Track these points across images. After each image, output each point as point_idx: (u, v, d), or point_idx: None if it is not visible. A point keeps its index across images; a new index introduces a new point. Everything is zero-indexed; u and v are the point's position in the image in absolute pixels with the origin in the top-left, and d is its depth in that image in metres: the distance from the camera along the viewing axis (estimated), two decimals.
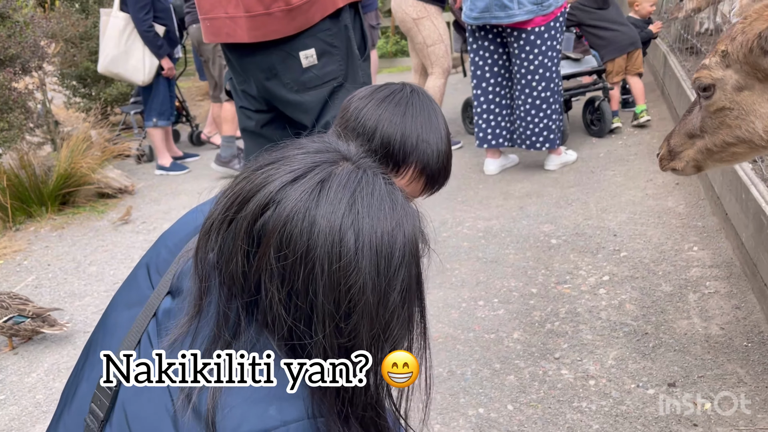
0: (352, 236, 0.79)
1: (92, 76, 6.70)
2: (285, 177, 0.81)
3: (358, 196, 0.81)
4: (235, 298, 0.82)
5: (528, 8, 3.72)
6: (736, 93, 1.06)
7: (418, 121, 1.21)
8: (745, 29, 1.03)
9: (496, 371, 2.18)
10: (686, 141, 1.21)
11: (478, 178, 4.17)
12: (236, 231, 0.81)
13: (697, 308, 2.37)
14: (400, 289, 0.82)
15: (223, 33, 1.97)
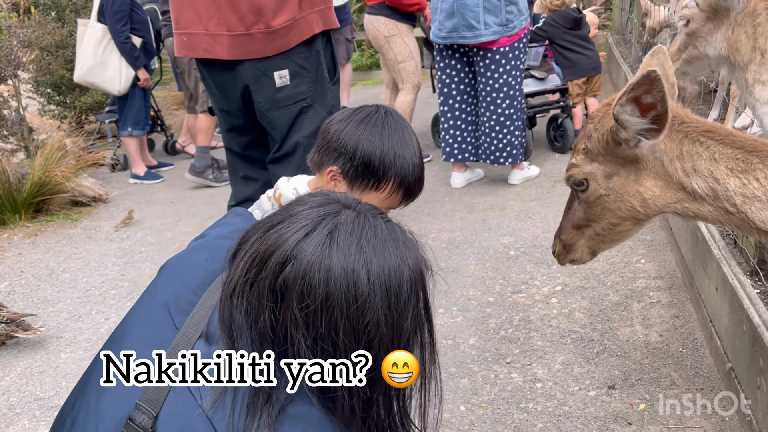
0: (365, 276, 0.88)
1: (67, 84, 6.74)
2: (297, 234, 0.90)
3: (365, 240, 0.91)
4: (267, 347, 0.91)
5: (493, 29, 3.90)
6: (607, 181, 1.20)
7: (394, 139, 1.36)
8: (597, 127, 1.18)
9: (452, 375, 2.32)
10: (576, 233, 1.32)
11: (445, 191, 4.33)
12: (260, 291, 0.90)
13: (640, 317, 2.54)
14: (411, 318, 0.92)
15: (200, 49, 2.09)
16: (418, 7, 4.80)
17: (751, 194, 1.09)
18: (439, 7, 3.99)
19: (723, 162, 1.11)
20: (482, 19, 3.87)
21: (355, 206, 0.97)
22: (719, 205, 1.13)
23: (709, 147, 1.13)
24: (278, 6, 1.91)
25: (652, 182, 1.18)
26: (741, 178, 1.10)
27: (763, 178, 1.09)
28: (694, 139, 1.14)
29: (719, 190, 1.12)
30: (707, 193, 1.13)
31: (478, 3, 3.85)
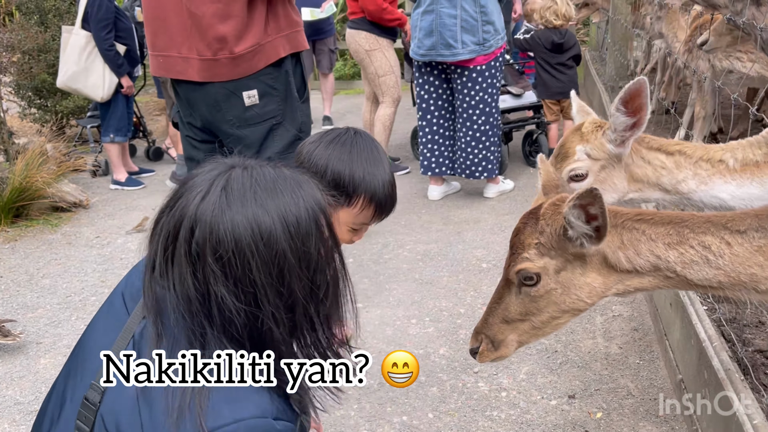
0: (265, 216, 1.00)
1: (49, 89, 6.74)
2: (196, 200, 1.01)
3: (257, 187, 1.03)
4: (196, 314, 1.00)
5: (471, 48, 4.04)
6: (557, 275, 1.26)
7: (363, 157, 1.44)
8: (549, 223, 1.25)
9: (422, 383, 2.42)
10: (507, 328, 1.31)
11: (422, 203, 4.44)
12: (179, 261, 1.00)
13: (602, 329, 2.67)
14: (314, 245, 1.03)
15: (174, 70, 2.18)
16: (398, 23, 4.92)
17: (690, 260, 1.22)
18: (419, 25, 4.12)
19: (660, 240, 1.24)
20: (459, 38, 4.00)
21: (241, 163, 1.07)
22: (659, 275, 1.26)
23: (644, 231, 1.25)
24: (241, 33, 2.01)
25: (597, 272, 1.27)
26: (678, 249, 1.23)
27: (696, 244, 1.22)
28: (629, 227, 1.26)
29: (661, 264, 1.24)
30: (649, 269, 1.26)
31: (455, 22, 3.98)
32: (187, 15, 2.03)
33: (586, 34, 9.65)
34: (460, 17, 3.98)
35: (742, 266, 1.19)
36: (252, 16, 2.04)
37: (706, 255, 1.21)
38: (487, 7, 4.01)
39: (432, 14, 4.03)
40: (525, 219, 1.31)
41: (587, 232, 1.20)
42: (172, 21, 2.09)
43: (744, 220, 1.21)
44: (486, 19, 4.03)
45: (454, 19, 3.98)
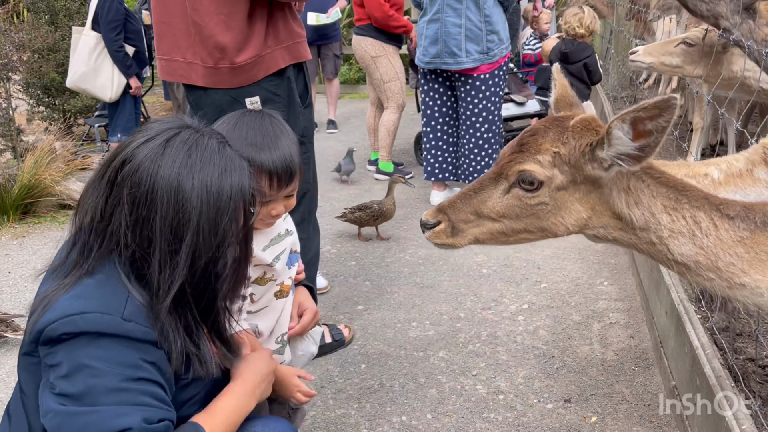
0: (189, 177, 1.13)
1: (57, 87, 6.81)
2: (139, 141, 1.16)
3: (194, 149, 1.15)
4: (93, 231, 1.16)
5: (474, 57, 4.10)
6: (556, 191, 1.21)
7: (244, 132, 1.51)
8: (575, 137, 1.18)
9: (421, 385, 2.47)
10: (474, 220, 1.24)
11: (424, 208, 4.47)
12: (104, 182, 1.16)
13: (599, 336, 2.72)
14: (226, 222, 1.15)
15: (177, 74, 2.24)
16: (404, 30, 4.99)
17: (678, 230, 1.21)
18: (424, 33, 4.19)
19: (659, 199, 1.23)
20: (464, 47, 4.06)
21: (196, 127, 1.20)
22: (645, 236, 1.24)
23: (649, 185, 1.24)
24: (241, 45, 2.07)
25: (593, 205, 1.24)
26: (671, 214, 1.22)
27: (689, 216, 1.22)
28: (638, 176, 1.24)
29: (652, 223, 1.23)
30: (641, 225, 1.24)
31: (460, 32, 4.05)
32: (191, 22, 2.09)
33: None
34: (465, 26, 4.05)
35: (723, 252, 1.18)
36: (252, 29, 2.09)
37: (693, 230, 1.19)
38: (492, 17, 4.06)
39: (437, 23, 4.10)
40: (548, 123, 1.22)
41: (628, 151, 1.12)
42: (178, 26, 2.14)
43: (734, 207, 1.22)
44: (490, 29, 4.09)
45: (459, 28, 4.05)
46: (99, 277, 1.15)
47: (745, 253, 1.20)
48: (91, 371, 1.09)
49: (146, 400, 1.12)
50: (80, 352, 1.09)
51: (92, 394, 1.08)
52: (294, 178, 1.56)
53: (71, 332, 1.10)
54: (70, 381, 1.09)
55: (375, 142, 5.44)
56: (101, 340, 1.10)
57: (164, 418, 1.13)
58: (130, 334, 1.12)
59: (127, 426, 1.08)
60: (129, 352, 1.12)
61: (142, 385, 1.12)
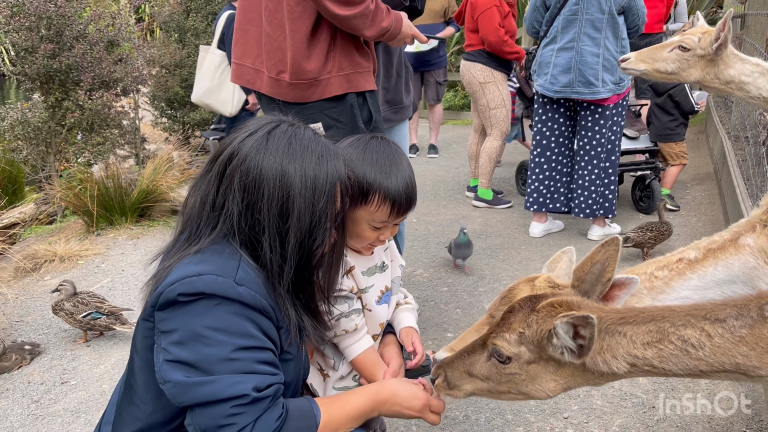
0: (290, 166, 1.24)
1: (180, 101, 7.30)
2: (243, 135, 1.28)
3: (293, 139, 1.28)
4: (205, 218, 1.27)
5: (609, 87, 3.99)
6: (527, 365, 1.26)
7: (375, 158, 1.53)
8: (539, 322, 1.24)
9: (508, 422, 2.38)
10: (466, 378, 1.35)
11: (522, 239, 4.39)
12: (213, 175, 1.27)
13: (707, 390, 2.52)
14: (324, 203, 1.26)
15: (244, 79, 2.31)
16: (516, 56, 4.94)
17: (668, 354, 1.17)
18: (553, 61, 4.09)
19: (639, 340, 1.20)
20: (600, 77, 3.96)
21: (290, 121, 1.32)
22: (636, 370, 1.21)
23: (626, 333, 1.21)
24: (300, 64, 2.11)
25: (569, 374, 1.25)
26: (657, 346, 1.18)
27: (676, 339, 1.17)
28: (612, 331, 1.21)
29: (638, 362, 1.20)
30: (626, 370, 1.21)
31: (598, 61, 3.95)
32: (264, 33, 2.17)
33: None
34: (603, 56, 3.95)
35: (725, 356, 1.13)
36: (312, 51, 2.13)
37: (685, 348, 1.16)
38: (627, 47, 3.96)
39: (571, 51, 4.01)
40: (523, 302, 1.31)
41: (571, 347, 1.19)
42: (252, 33, 2.22)
43: (724, 309, 1.16)
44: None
45: (597, 58, 3.95)
46: (215, 247, 1.25)
47: (750, 350, 1.13)
48: (205, 340, 1.17)
49: (257, 368, 1.20)
50: (195, 321, 1.18)
51: (208, 362, 1.16)
52: (412, 208, 1.57)
53: (188, 292, 1.18)
54: (184, 348, 1.18)
55: (475, 169, 5.39)
56: (215, 306, 1.18)
57: (273, 382, 1.22)
58: (241, 299, 1.20)
59: (242, 392, 1.17)
60: (240, 320, 1.19)
61: (253, 353, 1.20)
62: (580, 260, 1.52)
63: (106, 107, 5.11)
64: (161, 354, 1.19)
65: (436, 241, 4.41)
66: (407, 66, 3.01)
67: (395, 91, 3.19)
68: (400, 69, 3.17)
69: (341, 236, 1.39)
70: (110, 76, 5.24)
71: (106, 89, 5.24)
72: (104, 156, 5.16)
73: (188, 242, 1.28)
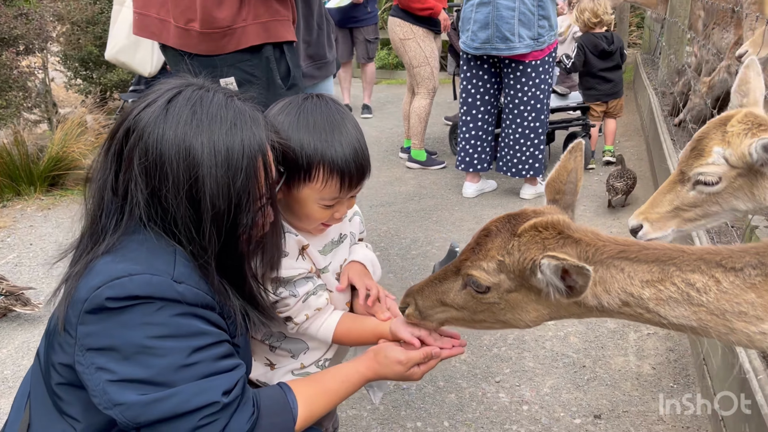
0: (196, 139, 1.03)
1: (95, 61, 6.81)
2: (141, 105, 1.06)
3: (198, 107, 1.05)
4: (105, 210, 1.08)
5: (526, 42, 3.90)
6: (507, 294, 1.15)
7: (312, 124, 1.28)
8: (521, 249, 1.11)
9: (440, 388, 2.32)
10: (440, 308, 1.24)
11: (456, 200, 4.32)
12: (111, 157, 1.07)
13: (635, 347, 2.52)
14: (243, 181, 1.05)
15: (148, 31, 2.11)
16: (429, 12, 4.74)
17: (667, 297, 1.07)
18: (473, 17, 3.97)
19: (638, 277, 1.09)
20: (516, 32, 3.86)
21: (199, 84, 1.10)
22: (627, 310, 1.11)
23: (623, 269, 1.10)
24: (211, 11, 1.91)
25: (553, 304, 1.14)
26: (657, 286, 1.08)
27: (680, 281, 1.07)
28: (608, 264, 1.11)
29: (631, 301, 1.10)
30: (616, 306, 1.11)
31: (513, 15, 3.84)
32: None
33: (639, 37, 9.33)
34: (519, 10, 3.84)
35: (729, 303, 1.04)
36: None
37: (688, 292, 1.07)
38: (544, 1, 3.86)
39: (488, 6, 3.89)
40: (501, 225, 1.16)
41: (558, 287, 1.07)
42: None
43: (743, 258, 1.06)
44: (542, 14, 3.88)
45: (512, 12, 3.84)
46: (137, 238, 1.06)
47: (758, 298, 1.03)
48: (154, 351, 1.00)
49: (219, 366, 1.06)
50: (136, 333, 0.99)
51: (163, 374, 1.00)
52: (366, 177, 1.34)
53: (119, 297, 0.99)
54: (131, 364, 0.99)
55: (408, 130, 5.27)
56: (156, 312, 1.01)
57: (239, 378, 1.08)
58: (183, 299, 1.03)
59: (211, 400, 1.03)
60: (187, 320, 1.03)
61: (210, 350, 1.05)
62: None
63: (6, 67, 4.68)
64: (100, 374, 1.00)
65: (368, 204, 4.29)
66: (329, 19, 2.82)
67: (317, 45, 3.00)
68: (321, 21, 2.97)
69: (271, 213, 1.18)
70: (10, 32, 4.79)
71: (6, 47, 4.80)
72: (8, 121, 4.75)
73: (91, 241, 1.09)
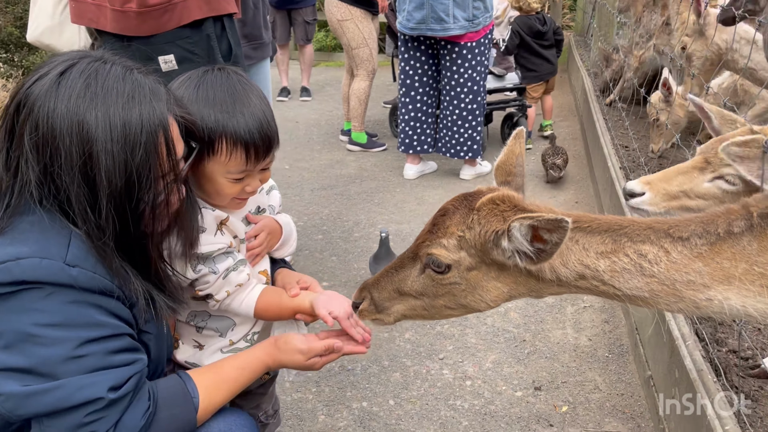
0: (90, 111, 0.98)
1: (15, 43, 6.49)
2: (33, 78, 1.01)
3: (93, 79, 1.00)
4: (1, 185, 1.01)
5: (461, 23, 3.91)
6: (467, 272, 1.16)
7: (212, 96, 1.26)
8: (481, 223, 1.12)
9: (385, 368, 2.33)
10: (397, 298, 1.23)
11: (397, 182, 4.34)
12: (2, 136, 1.01)
13: (572, 320, 2.61)
14: (142, 157, 1.00)
15: (86, 17, 2.01)
16: None
17: (621, 268, 1.11)
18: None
19: (593, 249, 1.13)
20: (451, 13, 3.87)
21: (97, 56, 1.04)
22: (584, 284, 1.14)
23: (578, 240, 1.13)
24: None
25: (512, 280, 1.17)
26: (610, 257, 1.11)
27: (632, 252, 1.11)
28: None
29: (588, 273, 1.13)
30: (573, 279, 1.14)
31: None
32: None
33: (572, 19, 9.54)
34: None
35: (679, 273, 1.09)
36: None
37: (640, 263, 1.10)
38: None
39: None
40: (457, 203, 1.18)
41: (526, 251, 1.08)
42: None
43: (689, 227, 1.10)
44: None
45: None
46: (28, 219, 1.00)
47: (704, 266, 1.08)
48: (39, 340, 0.94)
49: (111, 360, 1.00)
50: (21, 319, 0.94)
51: (47, 364, 0.95)
52: (273, 147, 1.32)
53: (5, 282, 0.93)
54: (14, 352, 0.94)
55: (348, 112, 5.24)
56: (45, 298, 0.95)
57: (133, 373, 1.03)
58: (76, 283, 0.97)
59: (95, 396, 0.97)
60: (80, 308, 0.98)
61: (103, 344, 1.00)
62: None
63: None
64: None
65: (310, 187, 4.25)
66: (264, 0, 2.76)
67: (253, 25, 2.93)
68: (257, 1, 2.90)
69: (189, 190, 1.16)
70: None
71: None
72: None
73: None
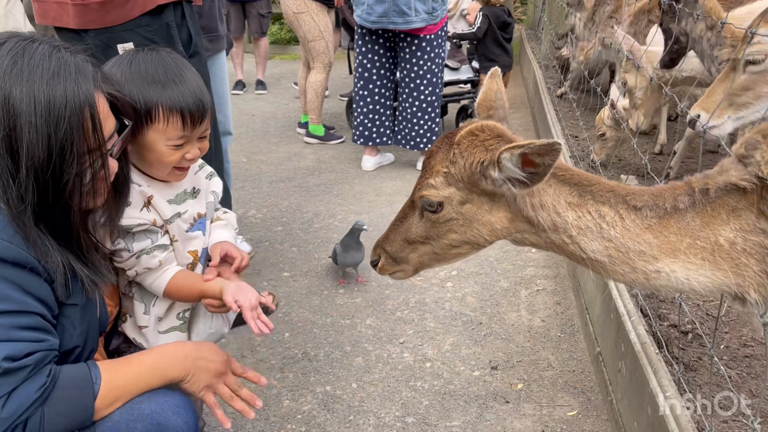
0: (16, 87, 1.02)
1: None
2: None
3: (20, 57, 1.05)
4: None
5: (422, 16, 3.98)
6: (461, 206, 1.23)
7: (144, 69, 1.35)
8: (464, 155, 1.18)
9: (347, 353, 2.39)
10: (408, 248, 1.30)
11: (355, 173, 4.39)
12: None
13: (526, 303, 2.71)
14: (66, 132, 1.04)
15: (50, 17, 2.00)
16: None
17: (585, 226, 1.19)
18: None
19: (563, 197, 1.20)
20: (413, 6, 3.93)
21: (29, 36, 1.09)
22: (557, 237, 1.22)
23: (552, 185, 1.21)
24: None
25: (503, 214, 1.23)
26: (576, 211, 1.19)
27: (594, 211, 1.19)
28: None
29: (559, 223, 1.20)
30: (549, 226, 1.21)
31: None
32: None
33: (523, 13, 9.74)
34: None
35: (632, 241, 1.16)
36: None
37: (600, 224, 1.18)
38: None
39: None
40: (440, 143, 1.24)
41: (518, 177, 1.13)
42: None
43: (642, 197, 1.19)
44: None
45: None
46: None
47: (654, 239, 1.16)
48: None
49: (12, 334, 1.03)
50: None
51: None
52: (207, 114, 1.41)
53: None
54: None
55: (305, 105, 5.25)
56: None
57: (36, 350, 1.06)
58: None
59: None
60: None
61: (7, 318, 1.03)
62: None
63: None
64: None
65: (268, 180, 4.27)
66: None
67: (209, 17, 2.93)
68: None
69: (124, 166, 1.24)
70: None
71: None
72: None
73: None
